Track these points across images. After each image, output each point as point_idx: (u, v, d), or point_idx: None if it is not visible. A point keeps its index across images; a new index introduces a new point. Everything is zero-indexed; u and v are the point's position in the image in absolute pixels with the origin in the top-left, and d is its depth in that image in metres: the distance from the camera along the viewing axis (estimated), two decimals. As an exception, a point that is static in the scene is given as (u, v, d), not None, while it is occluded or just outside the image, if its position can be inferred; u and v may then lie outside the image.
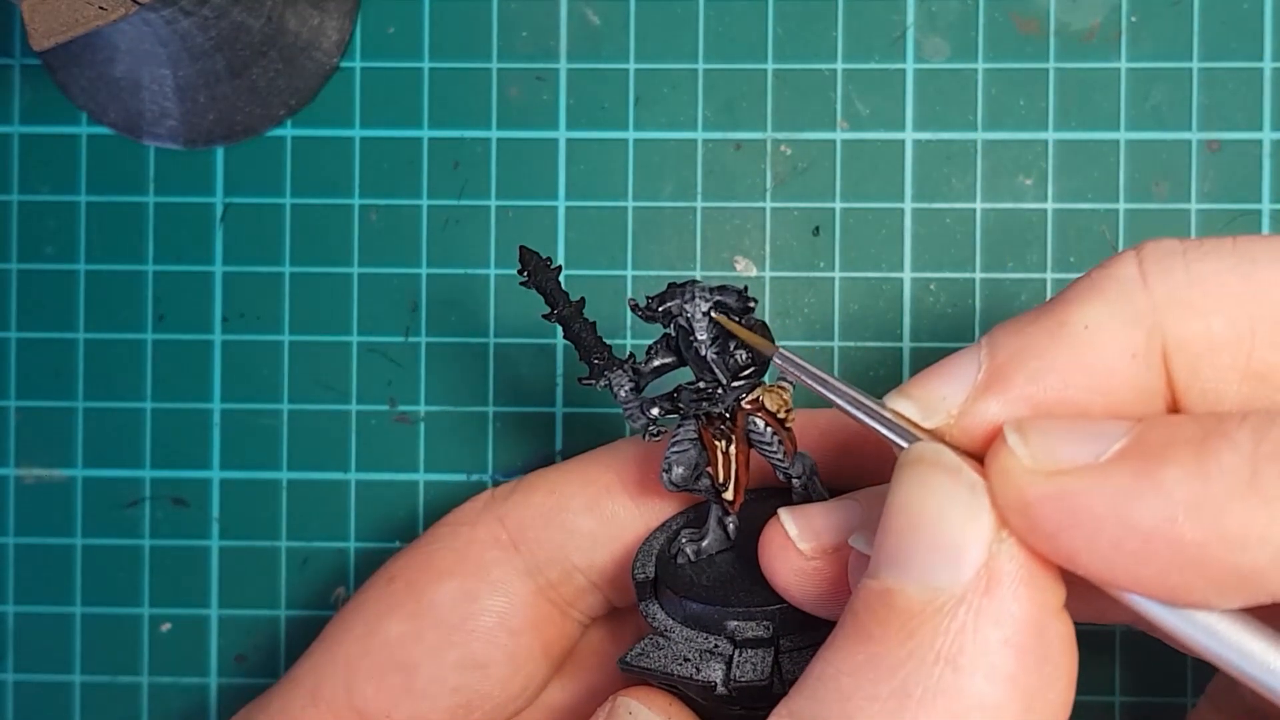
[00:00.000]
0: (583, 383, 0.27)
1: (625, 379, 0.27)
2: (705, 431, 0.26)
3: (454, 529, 0.30)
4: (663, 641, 0.26)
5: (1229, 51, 0.34)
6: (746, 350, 0.25)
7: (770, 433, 0.26)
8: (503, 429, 0.35)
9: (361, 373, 0.35)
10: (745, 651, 0.25)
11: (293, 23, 0.34)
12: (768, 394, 0.26)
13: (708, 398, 0.26)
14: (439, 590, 0.29)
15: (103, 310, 0.36)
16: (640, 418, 0.27)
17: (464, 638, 0.29)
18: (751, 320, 0.25)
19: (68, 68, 0.35)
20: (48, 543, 0.36)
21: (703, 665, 0.26)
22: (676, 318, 0.26)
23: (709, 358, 0.25)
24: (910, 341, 0.35)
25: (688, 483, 0.26)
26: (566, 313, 0.27)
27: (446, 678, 0.29)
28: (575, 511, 0.29)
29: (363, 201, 0.35)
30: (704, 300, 0.25)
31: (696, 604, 0.26)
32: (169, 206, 0.36)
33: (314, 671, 0.29)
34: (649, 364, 0.27)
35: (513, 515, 0.29)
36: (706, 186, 0.35)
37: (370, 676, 0.29)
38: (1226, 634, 0.20)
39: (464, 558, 0.29)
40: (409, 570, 0.30)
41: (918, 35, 0.35)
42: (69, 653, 0.36)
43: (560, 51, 0.35)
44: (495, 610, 0.29)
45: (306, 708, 0.29)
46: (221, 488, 0.36)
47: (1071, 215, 0.35)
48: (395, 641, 0.29)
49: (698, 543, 0.27)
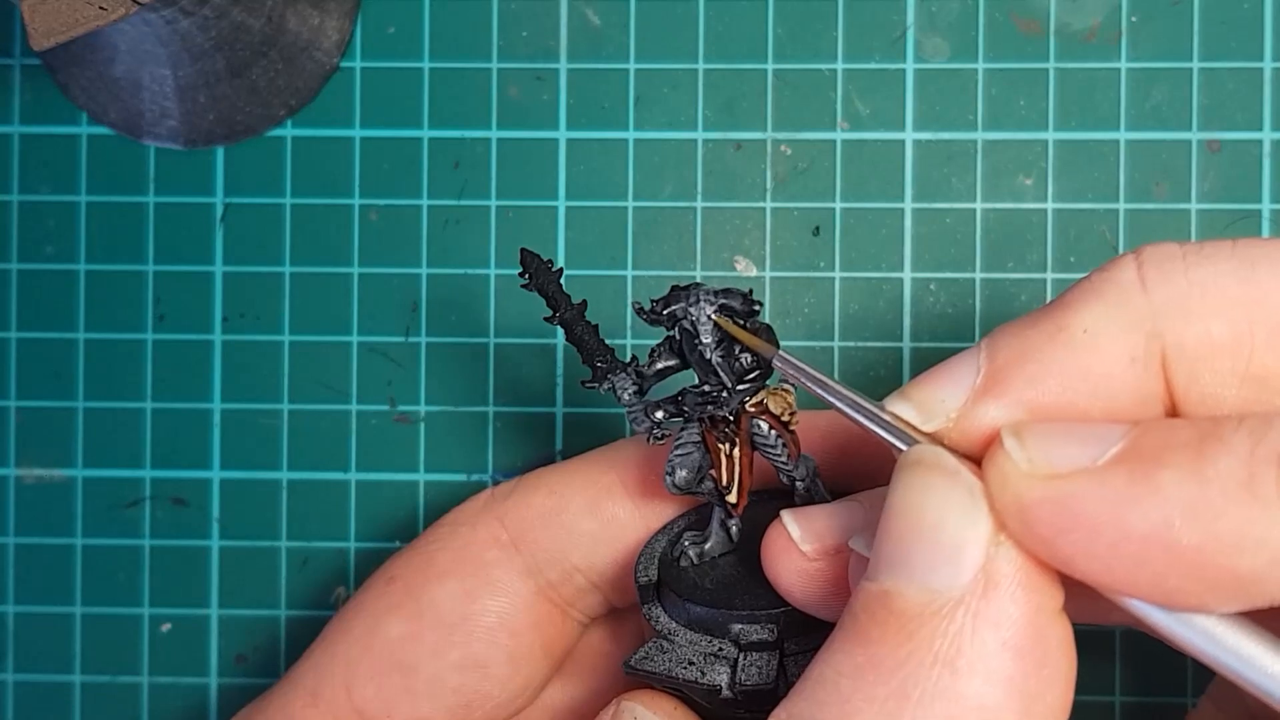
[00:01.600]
0: (585, 386, 0.27)
1: (629, 382, 0.27)
2: (709, 435, 0.26)
3: (453, 529, 0.30)
4: (666, 645, 0.26)
5: (1229, 51, 0.34)
6: (751, 353, 0.25)
7: (774, 435, 0.26)
8: (503, 429, 0.35)
9: (362, 373, 0.35)
10: (750, 655, 0.25)
11: (293, 23, 0.34)
12: (771, 397, 0.26)
13: (712, 401, 0.26)
14: (439, 590, 0.29)
15: (103, 310, 0.36)
16: (644, 421, 0.27)
17: (464, 638, 0.29)
18: (756, 323, 0.25)
19: (68, 68, 0.35)
20: (48, 543, 0.36)
21: (707, 669, 0.26)
22: (681, 321, 0.26)
23: (714, 361, 0.25)
24: (910, 342, 0.35)
25: (691, 486, 0.26)
26: (569, 315, 0.27)
27: (447, 677, 0.29)
28: (576, 513, 0.29)
29: (363, 201, 0.35)
30: (709, 303, 0.25)
31: (700, 607, 0.26)
32: (169, 206, 0.36)
33: (314, 671, 0.29)
34: (652, 367, 0.27)
35: (513, 515, 0.29)
36: (707, 186, 0.35)
37: (370, 677, 0.29)
38: (1224, 638, 0.20)
39: (464, 558, 0.29)
40: (409, 570, 0.30)
41: (918, 35, 0.35)
42: (69, 653, 0.36)
43: (560, 51, 0.35)
44: (495, 610, 0.29)
45: (307, 708, 0.29)
46: (222, 488, 0.36)
47: (1072, 215, 0.35)
48: (395, 641, 0.29)
49: (700, 545, 0.27)
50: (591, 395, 0.35)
